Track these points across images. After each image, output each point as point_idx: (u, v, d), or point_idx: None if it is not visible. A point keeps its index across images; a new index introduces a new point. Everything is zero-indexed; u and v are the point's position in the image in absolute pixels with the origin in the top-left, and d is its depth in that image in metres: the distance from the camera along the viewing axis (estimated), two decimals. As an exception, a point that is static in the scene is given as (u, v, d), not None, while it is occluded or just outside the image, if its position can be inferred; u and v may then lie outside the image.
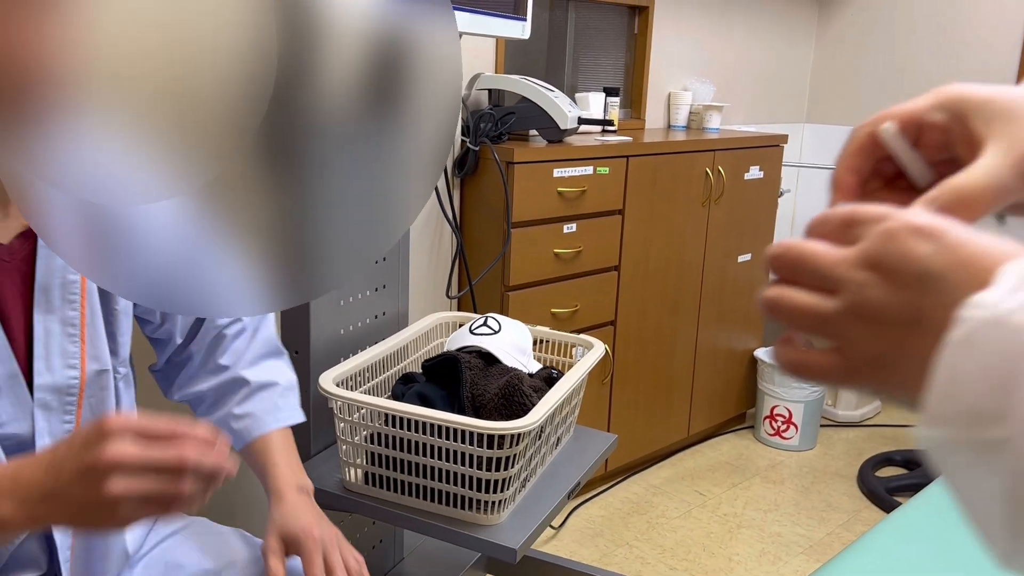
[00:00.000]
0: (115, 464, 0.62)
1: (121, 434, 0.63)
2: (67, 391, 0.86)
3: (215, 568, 0.98)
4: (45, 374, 0.84)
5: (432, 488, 1.25)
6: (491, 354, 1.39)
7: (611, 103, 2.61)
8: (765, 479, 2.76)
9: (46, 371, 0.84)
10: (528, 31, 1.57)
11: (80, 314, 0.86)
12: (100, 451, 0.62)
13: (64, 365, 0.85)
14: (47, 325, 0.84)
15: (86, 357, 0.87)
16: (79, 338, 0.86)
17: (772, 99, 3.50)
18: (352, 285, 1.56)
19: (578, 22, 2.69)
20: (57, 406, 0.86)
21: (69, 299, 0.85)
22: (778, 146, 2.89)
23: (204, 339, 1.04)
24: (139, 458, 0.62)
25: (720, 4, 3.09)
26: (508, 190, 2.03)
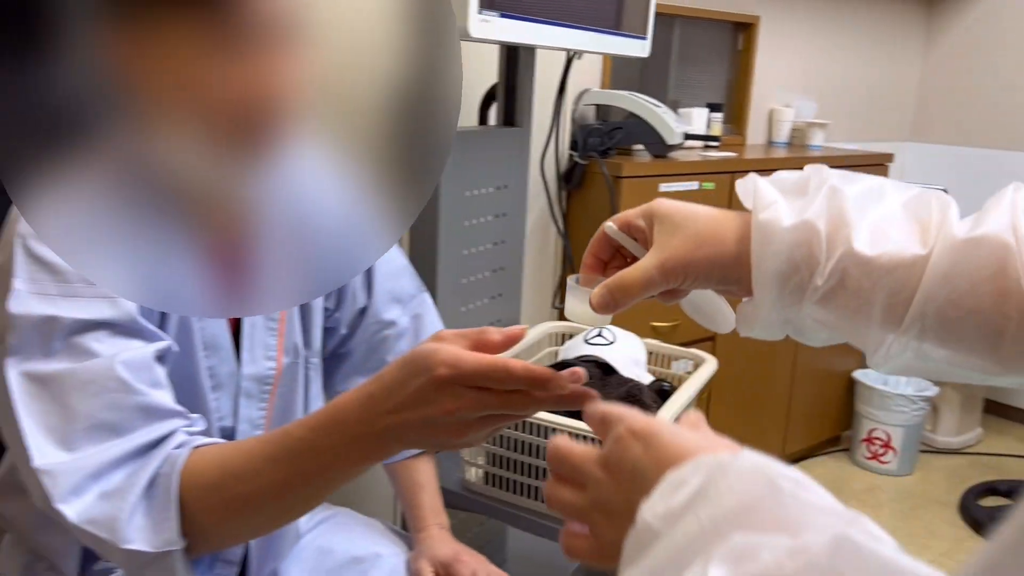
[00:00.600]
0: (456, 417, 0.62)
1: (451, 389, 0.61)
2: (264, 381, 0.94)
3: (362, 556, 1.04)
4: (249, 365, 0.92)
5: (551, 491, 1.29)
6: (608, 364, 1.43)
7: (714, 119, 2.62)
8: (862, 503, 2.71)
9: (250, 362, 0.92)
10: (648, 49, 1.61)
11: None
12: (439, 406, 0.62)
13: (264, 356, 0.93)
14: (253, 320, 0.92)
15: (282, 350, 0.95)
16: (277, 332, 0.93)
17: (875, 117, 3.44)
18: (472, 293, 1.61)
19: (683, 38, 2.71)
20: (256, 394, 0.94)
21: None
22: (883, 165, 2.85)
23: (364, 334, 1.09)
24: (475, 408, 0.62)
25: (827, 20, 3.07)
26: (615, 204, 2.07)
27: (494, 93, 1.80)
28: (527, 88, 1.61)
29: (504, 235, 1.66)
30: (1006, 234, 0.53)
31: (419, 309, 1.14)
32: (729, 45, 2.87)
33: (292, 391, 0.98)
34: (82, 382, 0.71)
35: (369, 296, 1.08)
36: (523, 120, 1.63)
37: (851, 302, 0.56)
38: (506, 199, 1.64)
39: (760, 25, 2.84)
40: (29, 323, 0.72)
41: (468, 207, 1.55)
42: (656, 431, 0.47)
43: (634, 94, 2.22)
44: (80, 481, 0.69)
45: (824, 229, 0.56)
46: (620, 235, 0.63)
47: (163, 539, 0.68)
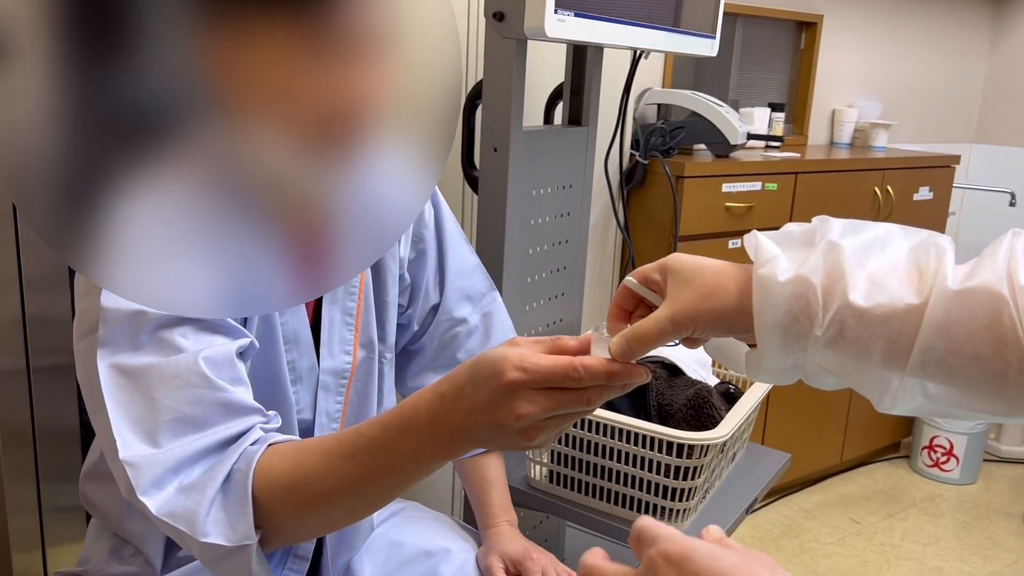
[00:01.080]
0: (526, 421, 0.62)
1: (524, 393, 0.62)
2: (341, 374, 0.96)
3: (432, 550, 1.05)
4: (328, 359, 0.94)
5: (615, 491, 1.28)
6: (675, 365, 1.42)
7: (776, 119, 2.59)
8: (923, 511, 2.65)
9: (328, 356, 0.94)
10: (716, 48, 1.59)
11: (357, 305, 0.95)
12: (509, 410, 0.62)
13: (341, 351, 0.95)
14: (331, 315, 0.94)
15: (358, 344, 0.96)
16: (354, 327, 0.95)
17: (939, 117, 3.37)
18: (535, 292, 1.62)
19: (745, 37, 2.68)
20: (333, 388, 0.95)
21: (350, 291, 0.95)
22: (949, 167, 2.78)
23: (436, 331, 1.10)
24: (547, 412, 0.62)
25: (892, 19, 3.01)
26: (677, 204, 2.05)
27: (559, 92, 1.81)
28: (594, 87, 1.61)
29: (567, 234, 1.66)
30: (1000, 284, 0.55)
31: (490, 307, 1.15)
32: (791, 44, 2.83)
33: (367, 385, 0.99)
34: (167, 376, 0.73)
35: (441, 294, 1.09)
36: (589, 119, 1.63)
37: (852, 351, 0.58)
38: (570, 199, 1.64)
39: (823, 24, 2.79)
40: (119, 317, 0.74)
41: (533, 207, 1.55)
42: (690, 555, 0.47)
43: (697, 93, 2.20)
44: (161, 474, 0.71)
45: (820, 283, 0.58)
46: (639, 287, 0.68)
47: (239, 533, 0.70)
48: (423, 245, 1.06)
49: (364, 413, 1.00)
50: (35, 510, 1.36)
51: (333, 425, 0.97)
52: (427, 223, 1.06)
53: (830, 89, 2.91)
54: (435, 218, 1.08)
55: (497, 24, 1.27)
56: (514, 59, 1.32)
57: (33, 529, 1.36)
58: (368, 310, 0.97)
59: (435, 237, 1.08)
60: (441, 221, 1.08)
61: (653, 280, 0.67)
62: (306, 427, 0.95)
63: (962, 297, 0.55)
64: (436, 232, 1.08)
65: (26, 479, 1.34)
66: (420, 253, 1.06)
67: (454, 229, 1.10)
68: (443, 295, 1.09)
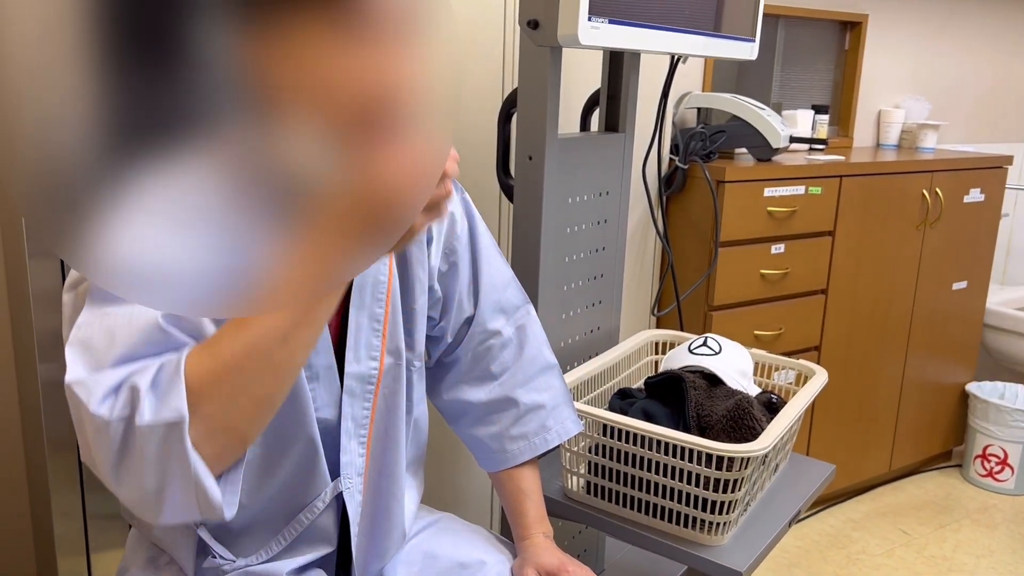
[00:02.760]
0: None
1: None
2: (368, 380, 0.96)
3: (467, 562, 1.05)
4: (353, 364, 0.94)
5: (653, 503, 1.26)
6: (715, 375, 1.40)
7: (819, 121, 2.54)
8: (976, 522, 2.58)
9: (354, 361, 0.94)
10: (756, 52, 1.57)
11: (384, 311, 0.95)
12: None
13: (368, 356, 0.95)
14: (358, 320, 0.94)
15: (385, 350, 0.96)
16: (381, 332, 0.96)
17: (990, 117, 3.27)
18: (572, 300, 1.60)
19: (787, 38, 2.64)
20: (359, 393, 0.96)
21: (377, 297, 0.95)
22: (1001, 167, 2.70)
23: (470, 343, 1.10)
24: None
25: (938, 17, 2.94)
26: (718, 209, 2.03)
27: (596, 99, 1.79)
28: (631, 93, 1.60)
29: (604, 242, 1.65)
30: None
31: (523, 320, 1.14)
32: (835, 44, 2.78)
33: (395, 392, 0.99)
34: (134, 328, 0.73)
35: (475, 306, 1.09)
36: (626, 125, 1.61)
37: None
38: (607, 206, 1.63)
39: (868, 23, 2.73)
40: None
41: (570, 214, 1.54)
42: None
43: (737, 96, 2.17)
44: (108, 390, 0.70)
45: None
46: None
47: (171, 408, 0.68)
48: (455, 257, 1.05)
49: (392, 420, 1.00)
50: (79, 517, 1.39)
51: (361, 432, 0.97)
52: (459, 235, 1.05)
53: (876, 90, 2.85)
54: (469, 230, 1.07)
55: (531, 32, 1.26)
56: (548, 67, 1.31)
57: (78, 535, 1.39)
58: (395, 316, 0.97)
59: (468, 249, 1.07)
60: (475, 233, 1.08)
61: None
62: (330, 426, 0.95)
63: None
64: (470, 244, 1.07)
65: (71, 486, 1.37)
66: (452, 266, 1.06)
67: (488, 242, 1.10)
68: (477, 307, 1.09)
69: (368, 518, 1.00)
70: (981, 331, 2.88)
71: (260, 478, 0.91)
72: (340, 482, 0.96)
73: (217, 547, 0.94)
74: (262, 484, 0.92)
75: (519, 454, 1.12)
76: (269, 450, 0.91)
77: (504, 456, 1.12)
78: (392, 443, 1.01)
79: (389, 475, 1.02)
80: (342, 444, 0.96)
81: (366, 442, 0.98)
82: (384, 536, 1.02)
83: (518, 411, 1.12)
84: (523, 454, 1.12)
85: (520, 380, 1.12)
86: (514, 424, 1.12)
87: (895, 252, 2.46)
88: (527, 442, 1.12)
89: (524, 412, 1.12)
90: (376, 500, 1.01)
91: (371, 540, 1.01)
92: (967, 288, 2.74)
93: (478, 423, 1.13)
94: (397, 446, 1.01)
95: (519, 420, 1.12)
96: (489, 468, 1.14)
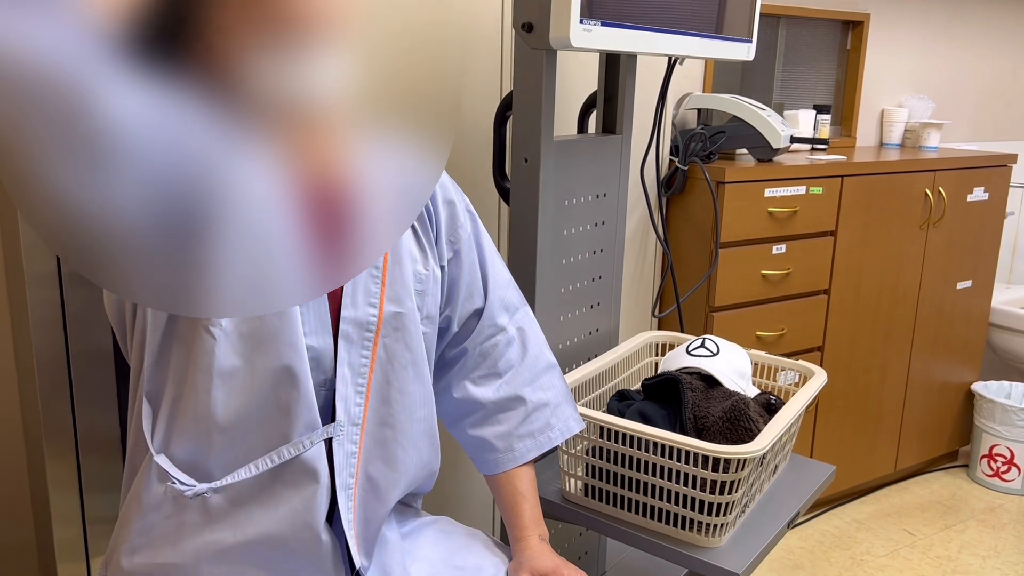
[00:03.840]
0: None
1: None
2: (366, 326, 0.96)
3: (463, 566, 1.04)
4: (350, 308, 0.95)
5: (651, 505, 1.26)
6: (712, 376, 1.39)
7: (821, 120, 2.53)
8: (982, 523, 2.56)
9: (351, 306, 0.95)
10: (753, 52, 1.56)
11: (384, 257, 0.96)
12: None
13: (366, 303, 0.95)
14: None
15: (385, 298, 0.97)
16: (380, 280, 0.96)
17: (994, 115, 3.26)
18: (571, 302, 1.60)
19: (788, 38, 2.63)
20: (357, 339, 0.95)
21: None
22: (1006, 166, 2.69)
23: (479, 336, 1.11)
24: None
25: (941, 16, 2.93)
26: (718, 209, 2.02)
27: (593, 101, 1.79)
28: (627, 95, 1.59)
29: (603, 244, 1.64)
30: None
31: (523, 322, 1.15)
32: (837, 44, 2.77)
33: (396, 341, 0.99)
34: None
35: (485, 299, 1.11)
36: (623, 127, 1.61)
37: None
38: (605, 207, 1.63)
39: (870, 22, 2.73)
40: None
41: (567, 216, 1.54)
42: None
43: (737, 97, 2.17)
44: None
45: None
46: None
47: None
48: (459, 245, 1.07)
49: (393, 370, 0.99)
50: (79, 521, 1.39)
51: (359, 380, 0.96)
52: (462, 224, 1.07)
53: (879, 89, 2.84)
54: (472, 224, 1.10)
55: (526, 35, 1.26)
56: (543, 70, 1.31)
57: (77, 540, 1.40)
58: (397, 266, 0.97)
59: (474, 243, 1.09)
60: (479, 231, 1.11)
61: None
62: (318, 355, 0.93)
63: None
64: (475, 236, 1.10)
65: (70, 490, 1.37)
66: (456, 253, 1.07)
67: (491, 244, 1.13)
68: (487, 300, 1.11)
69: (366, 470, 0.98)
70: (986, 330, 2.87)
71: (240, 392, 0.90)
72: (332, 428, 0.94)
73: (176, 472, 0.91)
74: (243, 397, 0.90)
75: (526, 452, 1.12)
76: (250, 362, 0.89)
77: (511, 455, 1.12)
78: (396, 392, 0.99)
79: (393, 425, 0.99)
80: (338, 391, 0.95)
81: (364, 391, 0.97)
82: (389, 486, 1.00)
83: (526, 409, 1.13)
84: (529, 452, 1.13)
85: (526, 379, 1.13)
86: (522, 423, 1.13)
87: (898, 252, 2.45)
88: (533, 440, 1.13)
89: (532, 410, 1.13)
90: (376, 450, 0.99)
91: (370, 492, 0.99)
92: (972, 287, 2.73)
93: (485, 423, 1.13)
94: (404, 396, 0.99)
95: (527, 419, 1.13)
96: (492, 470, 1.14)
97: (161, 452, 0.93)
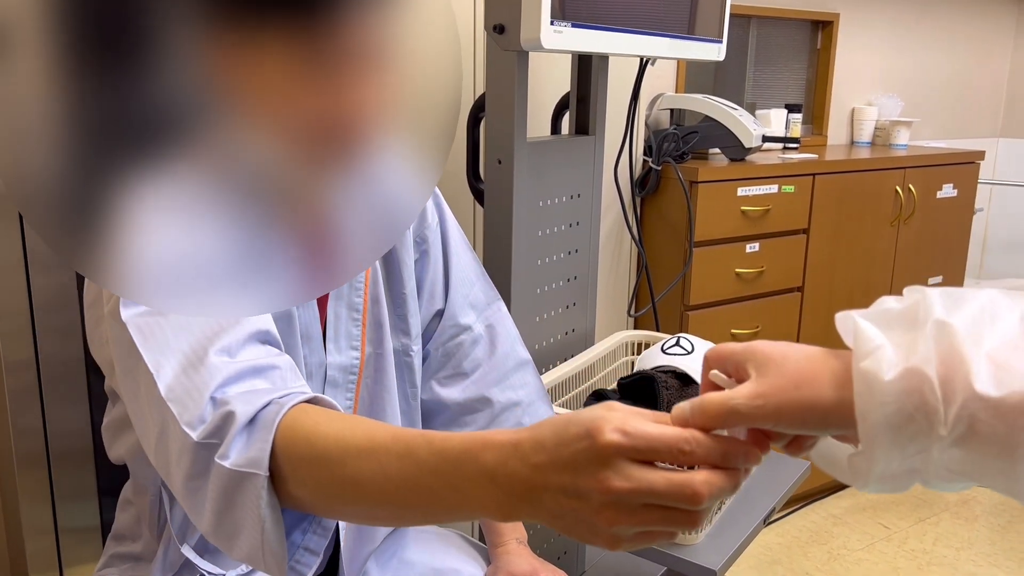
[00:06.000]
0: (613, 498, 0.52)
1: (620, 462, 0.52)
2: (350, 370, 0.96)
3: (441, 569, 1.04)
4: (335, 354, 0.94)
5: (629, 504, 1.27)
6: (686, 374, 1.40)
7: (793, 120, 2.56)
8: (956, 515, 2.60)
9: (335, 352, 0.95)
10: (723, 53, 1.58)
11: (363, 300, 0.96)
12: (597, 480, 0.53)
13: (348, 347, 0.95)
14: (337, 310, 0.94)
15: (366, 340, 0.97)
16: (361, 322, 0.96)
17: (962, 113, 3.31)
18: (546, 303, 1.61)
19: (759, 39, 2.66)
20: (342, 383, 0.96)
21: (356, 287, 0.95)
22: (973, 163, 2.73)
23: (441, 337, 1.09)
24: (642, 494, 0.52)
25: (910, 15, 2.97)
26: (691, 209, 2.03)
27: (566, 102, 1.80)
28: (599, 96, 1.60)
29: (578, 244, 1.65)
30: None
31: (493, 319, 1.13)
32: (807, 44, 2.80)
33: (378, 383, 0.99)
34: (187, 321, 0.73)
35: (446, 299, 1.09)
36: (596, 128, 1.62)
37: (990, 449, 0.50)
38: (579, 208, 1.63)
39: (839, 22, 2.76)
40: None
41: (541, 217, 1.54)
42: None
43: (709, 97, 2.19)
44: (205, 405, 0.68)
45: (935, 373, 0.51)
46: (723, 378, 0.60)
47: (250, 458, 0.65)
48: (426, 246, 1.06)
49: (376, 412, 0.99)
50: (51, 532, 1.37)
51: None
52: (430, 224, 1.06)
53: (849, 88, 2.87)
54: (440, 222, 1.08)
55: (497, 37, 1.27)
56: (515, 71, 1.32)
57: (50, 551, 1.38)
58: (375, 306, 0.97)
59: (440, 241, 1.08)
60: (446, 226, 1.08)
61: (733, 364, 0.59)
62: None
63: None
64: (441, 236, 1.08)
65: (42, 501, 1.36)
66: (423, 254, 1.06)
67: (458, 236, 1.10)
68: (447, 300, 1.09)
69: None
70: (957, 325, 2.90)
71: None
72: None
73: (202, 563, 0.91)
74: None
75: None
76: None
77: None
78: None
79: None
80: None
81: None
82: (370, 538, 1.00)
83: (492, 411, 1.11)
84: None
85: (494, 379, 1.11)
86: (489, 425, 1.11)
87: (870, 248, 2.48)
88: None
89: (499, 411, 1.11)
90: None
91: (358, 543, 0.99)
92: (943, 283, 2.77)
93: (451, 425, 1.12)
94: None
95: (494, 420, 1.11)
96: None
97: (184, 542, 0.90)
